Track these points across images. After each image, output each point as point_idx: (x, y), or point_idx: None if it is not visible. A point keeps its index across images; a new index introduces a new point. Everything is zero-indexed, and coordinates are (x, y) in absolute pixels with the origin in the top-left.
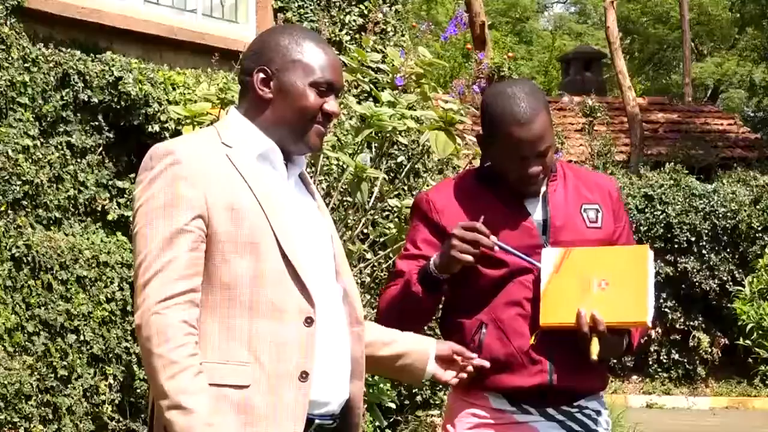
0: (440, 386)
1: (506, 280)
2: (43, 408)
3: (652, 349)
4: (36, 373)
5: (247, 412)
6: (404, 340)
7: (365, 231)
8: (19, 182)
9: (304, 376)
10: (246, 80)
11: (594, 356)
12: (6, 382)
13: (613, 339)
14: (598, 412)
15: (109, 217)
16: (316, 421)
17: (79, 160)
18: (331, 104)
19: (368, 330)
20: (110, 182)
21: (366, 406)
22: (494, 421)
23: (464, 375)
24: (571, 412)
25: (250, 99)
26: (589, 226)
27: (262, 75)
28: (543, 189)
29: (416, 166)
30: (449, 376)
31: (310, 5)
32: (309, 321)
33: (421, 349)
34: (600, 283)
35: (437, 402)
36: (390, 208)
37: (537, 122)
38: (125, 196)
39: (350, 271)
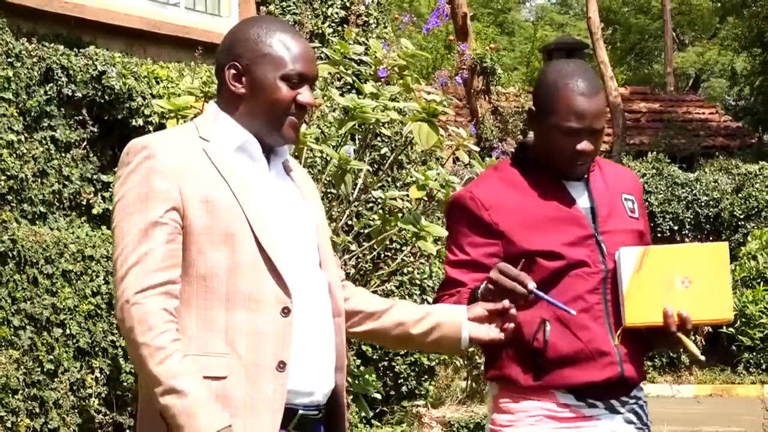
0: (425, 376)
1: (563, 274)
2: (29, 402)
3: None
4: (22, 367)
5: (225, 403)
6: (435, 313)
7: (349, 222)
8: (3, 177)
9: (281, 366)
10: (220, 75)
11: (701, 356)
12: None
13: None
14: (645, 402)
15: (94, 211)
16: (300, 411)
17: (63, 154)
18: (304, 95)
19: (400, 309)
20: (95, 176)
21: (352, 397)
22: (561, 415)
23: (511, 326)
24: (629, 402)
25: (224, 94)
26: (630, 216)
27: (233, 71)
28: (583, 178)
29: (400, 157)
30: (493, 334)
31: None
32: (286, 311)
33: (452, 318)
34: (683, 281)
35: (422, 392)
36: (374, 200)
37: (598, 98)
38: (110, 190)
39: (334, 262)
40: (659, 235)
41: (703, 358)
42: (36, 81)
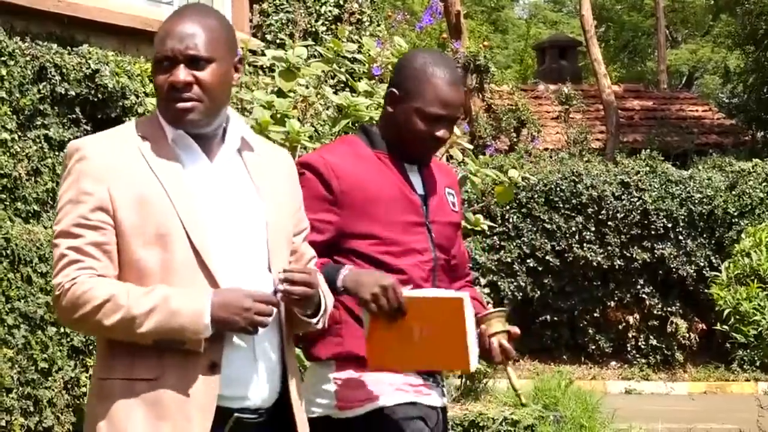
0: None
1: (399, 259)
2: (24, 401)
3: (630, 335)
4: (16, 365)
5: (156, 404)
6: None
7: None
8: None
9: (213, 367)
10: None
11: (519, 392)
12: None
13: None
14: None
15: None
16: (235, 414)
17: (57, 153)
18: (174, 75)
19: None
20: None
21: None
22: (406, 386)
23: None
24: (442, 377)
25: None
26: (452, 210)
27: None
28: (417, 165)
29: None
30: None
31: None
32: None
33: None
34: (421, 331)
35: None
36: None
37: (460, 89)
38: None
39: (287, 261)
40: (653, 232)
41: (521, 396)
42: (29, 79)
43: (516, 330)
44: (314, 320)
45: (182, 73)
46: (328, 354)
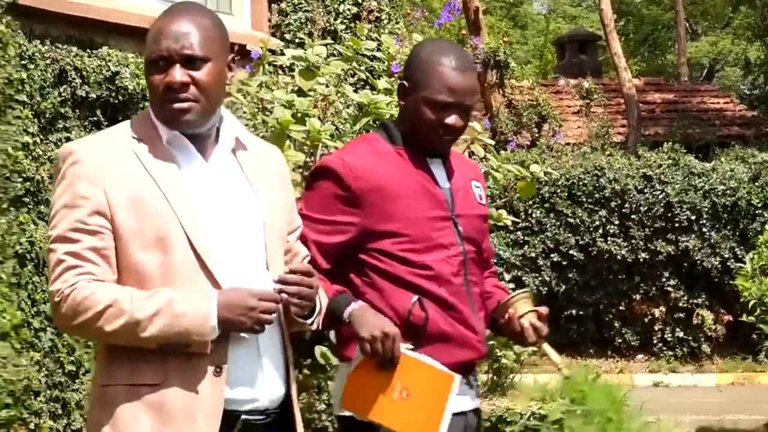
0: None
1: (426, 255)
2: (52, 403)
3: (656, 327)
4: (44, 369)
5: (161, 410)
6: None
7: None
8: (20, 179)
9: (218, 370)
10: None
11: (560, 364)
12: (14, 378)
13: None
14: None
15: None
16: (242, 417)
17: None
18: (170, 75)
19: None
20: None
21: None
22: None
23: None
24: (476, 380)
25: None
26: (479, 202)
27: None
28: (441, 158)
29: None
30: None
31: None
32: None
33: None
34: (402, 392)
35: None
36: None
37: (470, 75)
38: None
39: (282, 262)
40: (677, 225)
41: (563, 369)
42: (50, 83)
43: (544, 309)
44: (309, 321)
45: (178, 73)
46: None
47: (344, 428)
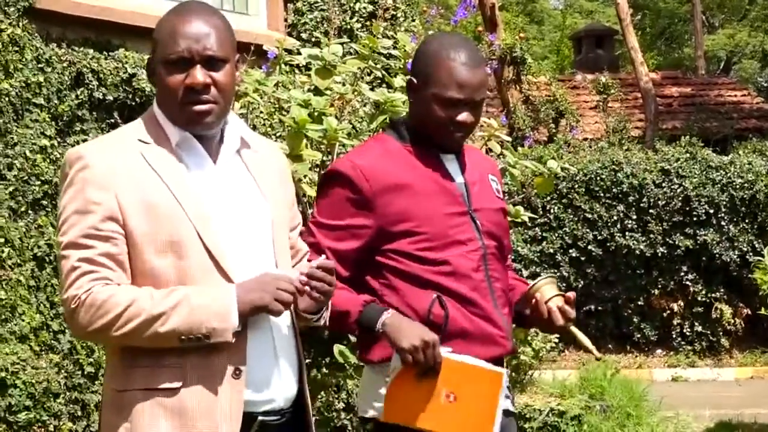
0: None
1: (445, 252)
2: (71, 405)
3: (675, 322)
4: (63, 371)
5: (180, 414)
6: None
7: None
8: (38, 182)
9: (237, 373)
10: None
11: (594, 351)
12: (34, 381)
13: None
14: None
15: None
16: (259, 418)
17: None
18: (192, 76)
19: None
20: None
21: None
22: None
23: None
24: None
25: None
26: (497, 196)
27: (148, 65)
28: (454, 154)
29: None
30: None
31: None
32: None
33: None
34: (449, 395)
35: None
36: None
37: (480, 70)
38: None
39: (289, 259)
40: (695, 219)
41: (597, 353)
42: (67, 85)
43: (571, 294)
44: (317, 317)
45: (201, 75)
46: (381, 356)
47: (368, 430)
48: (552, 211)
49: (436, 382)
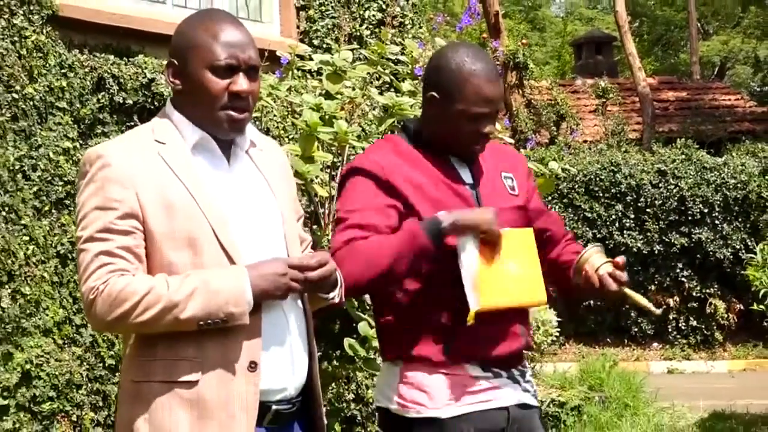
0: None
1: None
2: (93, 396)
3: (671, 316)
4: (85, 363)
5: (199, 406)
6: None
7: None
8: (61, 183)
9: (252, 366)
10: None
11: (654, 308)
12: (57, 372)
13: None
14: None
15: None
16: (273, 407)
17: None
18: (238, 83)
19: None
20: None
21: None
22: (472, 388)
23: None
24: (525, 372)
25: (174, 92)
26: (510, 194)
27: (170, 68)
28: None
29: None
30: None
31: (331, 2)
32: (253, 311)
33: None
34: (514, 265)
35: None
36: None
37: (499, 82)
38: None
39: (300, 252)
40: (690, 218)
41: (656, 309)
42: (89, 90)
43: (620, 259)
44: (331, 295)
45: (245, 82)
46: (398, 353)
47: (384, 419)
48: (553, 210)
49: (501, 258)
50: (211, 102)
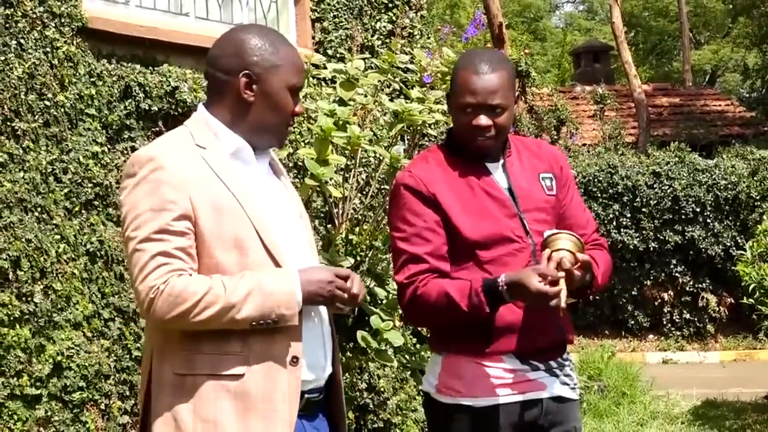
0: None
1: (496, 250)
2: (120, 386)
3: (665, 310)
4: (113, 355)
5: (243, 398)
6: None
7: None
8: (90, 185)
9: (294, 360)
10: (225, 80)
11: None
12: (87, 364)
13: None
14: (573, 364)
15: None
16: (305, 396)
17: None
18: (299, 105)
19: None
20: None
21: (410, 372)
22: (509, 380)
23: None
24: (564, 365)
25: (227, 99)
26: (548, 194)
27: (245, 79)
28: (501, 161)
29: None
30: None
31: (344, 14)
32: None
33: None
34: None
35: None
36: None
37: (492, 76)
38: None
39: (315, 247)
40: (683, 216)
41: (562, 309)
42: (116, 97)
43: (584, 257)
44: (347, 310)
45: (300, 105)
46: (443, 345)
47: (426, 402)
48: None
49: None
50: (285, 118)
